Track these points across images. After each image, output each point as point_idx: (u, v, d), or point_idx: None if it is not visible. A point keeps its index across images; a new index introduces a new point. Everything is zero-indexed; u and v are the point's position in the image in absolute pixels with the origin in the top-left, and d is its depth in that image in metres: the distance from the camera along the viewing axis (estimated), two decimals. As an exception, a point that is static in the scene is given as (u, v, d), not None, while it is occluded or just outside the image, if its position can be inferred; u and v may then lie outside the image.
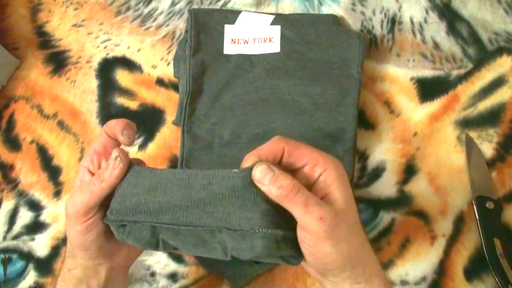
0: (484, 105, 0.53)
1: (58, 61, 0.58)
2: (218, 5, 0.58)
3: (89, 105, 0.56)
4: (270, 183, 0.31)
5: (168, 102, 0.55)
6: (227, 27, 0.55)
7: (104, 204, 0.36)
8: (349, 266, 0.33)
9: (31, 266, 0.50)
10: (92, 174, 0.36)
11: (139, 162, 0.39)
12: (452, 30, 0.56)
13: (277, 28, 0.54)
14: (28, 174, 0.54)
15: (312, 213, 0.31)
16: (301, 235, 0.32)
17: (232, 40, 0.54)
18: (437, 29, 0.56)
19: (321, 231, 0.31)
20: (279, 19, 0.55)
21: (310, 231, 0.31)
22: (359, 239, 0.33)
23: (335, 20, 0.55)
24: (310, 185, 0.33)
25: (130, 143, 0.37)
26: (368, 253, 0.34)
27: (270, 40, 0.54)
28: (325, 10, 0.57)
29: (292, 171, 0.34)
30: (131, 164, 0.35)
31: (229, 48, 0.54)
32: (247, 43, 0.54)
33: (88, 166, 0.37)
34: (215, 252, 0.33)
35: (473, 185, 0.50)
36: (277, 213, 0.32)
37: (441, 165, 0.51)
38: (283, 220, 0.32)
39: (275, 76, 0.52)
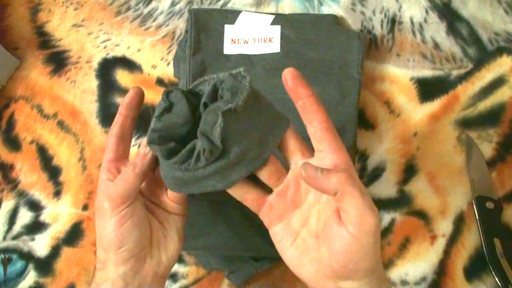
0: (484, 105, 0.53)
1: (58, 61, 0.58)
2: (218, 5, 0.58)
3: (89, 105, 0.56)
4: (325, 174, 0.31)
5: (168, 102, 0.55)
6: (227, 27, 0.55)
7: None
8: (373, 270, 0.32)
9: (31, 266, 0.50)
10: None
11: None
12: (452, 30, 0.56)
13: (277, 28, 0.54)
14: (28, 174, 0.54)
15: (368, 204, 0.30)
16: (339, 231, 0.31)
17: (232, 40, 0.54)
18: (437, 29, 0.56)
19: (373, 224, 0.30)
20: (279, 19, 0.55)
21: (361, 223, 0.30)
22: None
23: (335, 20, 0.55)
24: None
25: (141, 100, 0.40)
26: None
27: (270, 40, 0.54)
28: (325, 10, 0.57)
29: None
30: None
31: (229, 48, 0.54)
32: (247, 43, 0.54)
33: (108, 177, 0.36)
34: None
35: (473, 185, 0.50)
36: None
37: (441, 165, 0.51)
38: None
39: (275, 76, 0.52)
